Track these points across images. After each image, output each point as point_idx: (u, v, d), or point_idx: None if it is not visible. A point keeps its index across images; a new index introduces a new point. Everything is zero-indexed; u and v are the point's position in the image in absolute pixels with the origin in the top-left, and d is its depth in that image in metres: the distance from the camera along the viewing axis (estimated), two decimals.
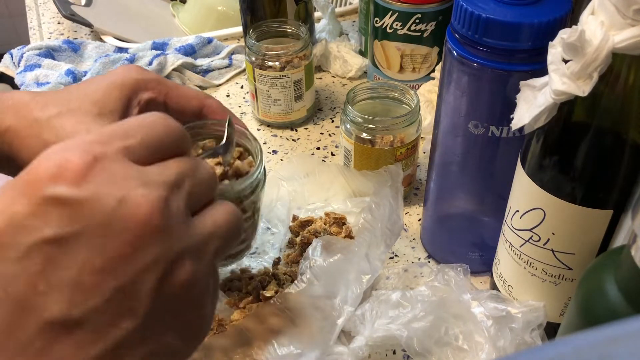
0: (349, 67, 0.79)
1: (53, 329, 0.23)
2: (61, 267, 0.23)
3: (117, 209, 0.24)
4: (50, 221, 0.23)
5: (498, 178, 0.45)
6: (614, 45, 0.30)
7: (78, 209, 0.23)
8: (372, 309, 0.45)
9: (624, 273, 0.30)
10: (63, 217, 0.23)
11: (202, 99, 0.42)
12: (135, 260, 0.24)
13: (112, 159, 0.25)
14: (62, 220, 0.23)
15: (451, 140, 0.46)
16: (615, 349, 0.16)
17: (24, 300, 0.23)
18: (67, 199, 0.23)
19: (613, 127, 0.34)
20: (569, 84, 0.31)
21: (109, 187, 0.24)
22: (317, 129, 0.72)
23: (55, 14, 0.96)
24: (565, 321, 0.36)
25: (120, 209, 0.24)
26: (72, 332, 0.23)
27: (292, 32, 0.69)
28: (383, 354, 0.47)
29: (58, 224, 0.23)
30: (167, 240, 0.25)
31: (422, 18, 0.65)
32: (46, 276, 0.23)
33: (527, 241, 0.41)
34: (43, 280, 0.23)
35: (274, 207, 0.57)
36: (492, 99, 0.42)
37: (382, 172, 0.52)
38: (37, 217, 0.23)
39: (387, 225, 0.48)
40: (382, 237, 0.47)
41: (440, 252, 0.55)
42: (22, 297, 0.23)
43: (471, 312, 0.44)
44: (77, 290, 0.23)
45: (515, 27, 0.38)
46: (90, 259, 0.23)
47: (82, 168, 0.24)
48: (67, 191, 0.23)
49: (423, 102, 0.64)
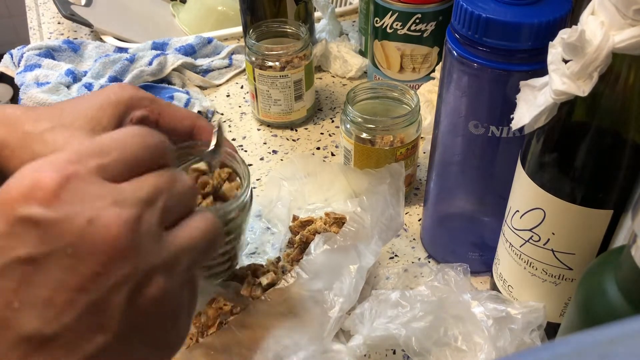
0: (349, 67, 0.79)
1: (28, 344, 0.24)
2: (35, 286, 0.24)
3: (87, 229, 0.24)
4: (24, 241, 0.24)
5: (498, 178, 0.45)
6: (614, 45, 0.30)
7: (49, 229, 0.24)
8: (371, 309, 0.45)
9: (624, 273, 0.30)
10: (35, 237, 0.24)
11: (194, 119, 0.42)
12: (106, 278, 0.25)
13: (85, 178, 0.25)
14: (35, 240, 0.24)
15: (451, 141, 0.46)
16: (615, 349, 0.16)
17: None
18: (39, 219, 0.24)
19: (613, 127, 0.34)
20: (569, 84, 0.31)
21: (80, 206, 0.25)
22: (317, 129, 0.72)
23: (55, 14, 0.96)
24: (565, 321, 0.36)
25: (90, 229, 0.24)
26: (46, 347, 0.24)
27: (292, 32, 0.69)
28: (383, 353, 0.47)
29: (31, 244, 0.24)
30: (136, 258, 0.25)
31: (422, 18, 0.65)
32: (20, 294, 0.24)
33: (527, 241, 0.41)
34: (17, 298, 0.24)
35: (274, 207, 0.57)
36: (492, 99, 0.42)
37: (383, 171, 0.52)
38: (11, 237, 0.24)
39: (382, 220, 0.48)
40: (375, 230, 0.47)
41: (440, 252, 0.55)
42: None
43: (471, 312, 0.44)
44: (50, 308, 0.24)
45: (515, 27, 0.38)
46: (62, 278, 0.24)
47: (54, 188, 0.24)
48: (38, 211, 0.24)
49: (423, 102, 0.64)
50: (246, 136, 0.71)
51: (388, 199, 0.49)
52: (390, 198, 0.49)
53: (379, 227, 0.47)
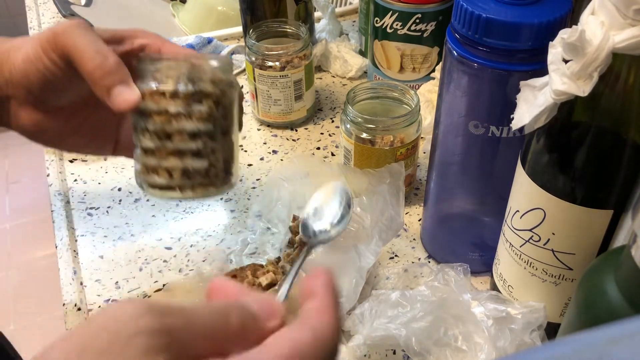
0: (349, 67, 0.79)
1: None
2: None
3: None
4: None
5: (498, 178, 0.45)
6: (614, 45, 0.30)
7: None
8: (371, 309, 0.45)
9: (624, 273, 0.30)
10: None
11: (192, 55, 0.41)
12: None
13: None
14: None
15: (451, 141, 0.46)
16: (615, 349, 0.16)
17: None
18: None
19: (613, 127, 0.34)
20: (569, 84, 0.31)
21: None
22: (317, 129, 0.72)
23: (55, 14, 0.96)
24: (565, 321, 0.36)
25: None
26: None
27: (292, 32, 0.69)
28: (383, 354, 0.47)
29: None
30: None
31: (423, 18, 0.65)
32: None
33: (527, 241, 0.41)
34: None
35: (274, 207, 0.57)
36: (492, 99, 0.42)
37: (383, 171, 0.52)
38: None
39: (382, 220, 0.48)
40: (375, 230, 0.47)
41: (441, 252, 0.55)
42: None
43: (471, 312, 0.44)
44: None
45: (515, 27, 0.38)
46: None
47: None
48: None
49: (423, 102, 0.64)
50: (246, 136, 0.71)
51: (388, 199, 0.49)
52: (390, 198, 0.49)
53: (378, 228, 0.47)
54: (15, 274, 1.71)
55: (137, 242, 0.58)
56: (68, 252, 0.56)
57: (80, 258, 0.56)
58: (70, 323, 0.50)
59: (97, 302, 0.52)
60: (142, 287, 0.53)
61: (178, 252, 0.57)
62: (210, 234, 0.58)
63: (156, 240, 0.58)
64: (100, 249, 0.57)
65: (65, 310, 0.51)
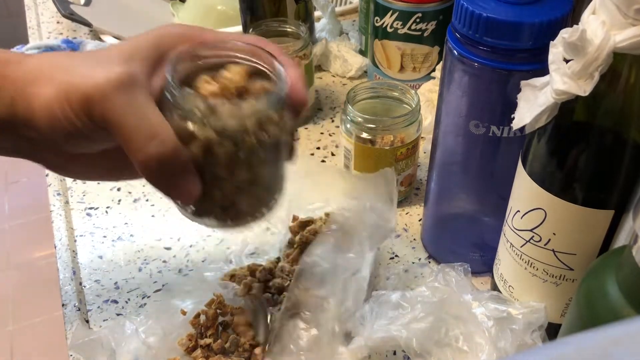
0: (349, 66, 0.79)
1: None
2: None
3: None
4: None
5: (499, 178, 0.45)
6: (615, 45, 0.29)
7: None
8: (372, 310, 0.45)
9: (625, 273, 0.30)
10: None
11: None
12: None
13: None
14: None
15: (452, 140, 0.46)
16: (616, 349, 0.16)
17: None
18: None
19: (614, 126, 0.34)
20: (570, 84, 0.31)
21: None
22: (317, 129, 0.72)
23: (55, 14, 0.96)
24: (566, 322, 0.36)
25: None
26: None
27: (292, 31, 0.69)
28: (383, 355, 0.47)
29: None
30: None
31: (423, 17, 0.65)
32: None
33: (528, 241, 0.41)
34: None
35: None
36: (493, 98, 0.41)
37: (376, 175, 0.51)
38: None
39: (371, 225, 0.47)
40: (361, 235, 0.47)
41: (441, 253, 0.54)
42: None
43: (472, 312, 0.44)
44: None
45: (516, 27, 0.37)
46: None
47: None
48: None
49: (423, 102, 0.64)
50: None
51: (380, 205, 0.48)
52: (381, 204, 0.48)
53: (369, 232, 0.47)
54: (14, 274, 1.71)
55: (136, 242, 0.58)
56: (67, 252, 0.56)
57: (79, 258, 0.56)
58: (70, 323, 0.50)
59: (97, 303, 0.52)
60: (141, 288, 0.53)
61: (177, 252, 0.56)
62: (210, 234, 0.58)
63: (155, 241, 0.58)
64: (99, 249, 0.57)
65: (64, 311, 0.51)
